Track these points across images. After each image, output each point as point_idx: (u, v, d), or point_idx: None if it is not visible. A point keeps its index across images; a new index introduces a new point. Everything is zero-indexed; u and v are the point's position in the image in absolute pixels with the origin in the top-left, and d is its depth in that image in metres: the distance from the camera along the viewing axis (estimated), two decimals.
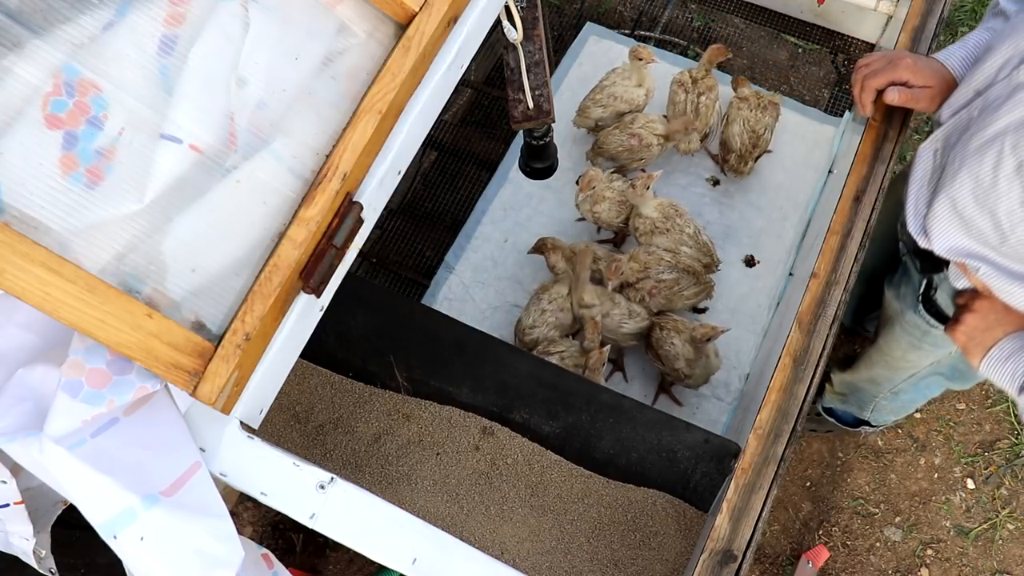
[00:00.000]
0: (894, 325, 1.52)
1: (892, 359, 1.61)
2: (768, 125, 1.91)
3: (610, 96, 1.92)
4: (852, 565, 2.15)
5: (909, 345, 1.52)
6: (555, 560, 1.25)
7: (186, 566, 0.87)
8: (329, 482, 0.97)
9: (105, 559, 0.94)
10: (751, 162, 1.94)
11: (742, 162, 1.93)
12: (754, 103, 1.91)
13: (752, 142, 1.91)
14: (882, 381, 1.74)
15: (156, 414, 0.93)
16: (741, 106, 1.91)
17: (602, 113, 1.94)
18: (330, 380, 1.39)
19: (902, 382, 1.70)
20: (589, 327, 1.66)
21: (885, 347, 1.61)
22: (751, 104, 1.91)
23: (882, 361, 1.65)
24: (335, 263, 0.94)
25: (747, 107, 1.91)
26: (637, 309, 1.74)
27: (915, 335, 1.48)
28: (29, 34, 0.79)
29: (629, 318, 1.72)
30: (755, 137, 1.90)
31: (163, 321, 0.84)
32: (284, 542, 1.97)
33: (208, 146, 0.87)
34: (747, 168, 1.94)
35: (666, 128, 1.89)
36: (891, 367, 1.65)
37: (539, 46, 1.23)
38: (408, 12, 0.95)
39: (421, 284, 2.00)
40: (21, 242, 0.78)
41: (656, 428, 1.34)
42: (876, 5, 1.90)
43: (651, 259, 1.73)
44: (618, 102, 1.92)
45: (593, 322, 1.67)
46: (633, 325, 1.73)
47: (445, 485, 1.30)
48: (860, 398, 1.90)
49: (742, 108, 1.91)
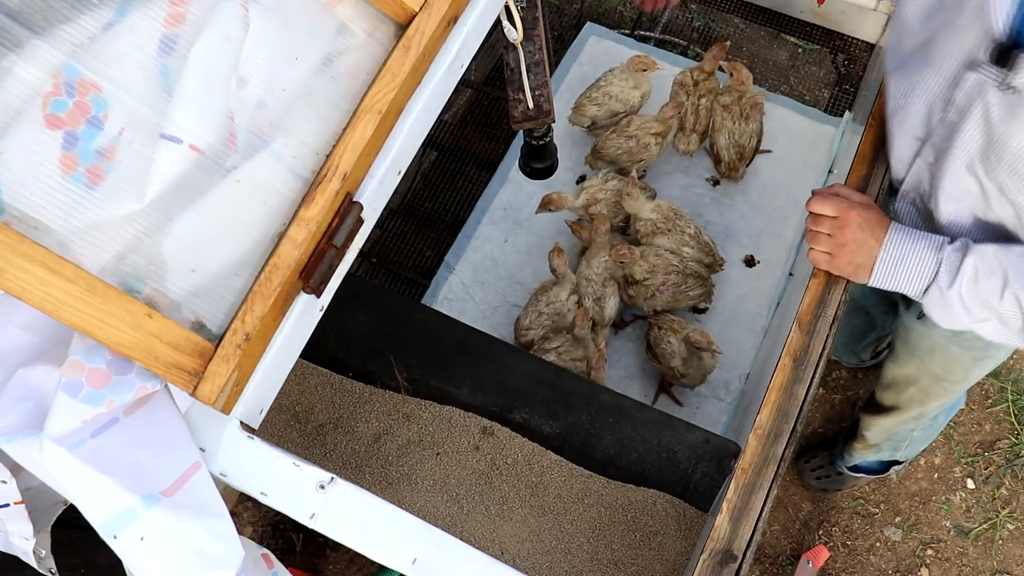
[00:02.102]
0: (949, 348, 1.44)
1: (953, 382, 1.54)
2: (753, 132, 1.91)
3: (606, 95, 1.92)
4: (852, 565, 2.15)
5: (973, 360, 1.46)
6: (555, 560, 1.25)
7: (186, 566, 0.87)
8: (329, 482, 0.97)
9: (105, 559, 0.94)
10: (742, 167, 1.94)
11: (732, 169, 1.94)
12: (736, 113, 1.90)
13: (738, 154, 1.91)
14: (930, 411, 1.67)
15: (156, 414, 0.93)
16: (725, 116, 1.91)
17: (597, 112, 1.94)
18: (330, 380, 1.39)
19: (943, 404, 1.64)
20: (579, 315, 1.67)
21: (944, 374, 1.52)
22: (734, 115, 1.90)
23: (939, 390, 1.58)
24: (335, 263, 0.94)
25: (730, 117, 1.90)
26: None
27: (980, 347, 1.42)
28: (29, 34, 0.79)
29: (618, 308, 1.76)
30: (741, 148, 1.91)
31: (163, 321, 0.84)
32: (284, 542, 1.97)
33: (208, 146, 0.87)
34: (739, 173, 1.95)
35: (660, 122, 1.89)
36: (950, 392, 1.58)
37: (539, 46, 1.23)
38: (408, 12, 0.95)
39: (421, 284, 2.00)
40: (21, 242, 0.78)
41: (656, 428, 1.34)
42: (876, 5, 1.90)
43: (659, 261, 1.74)
44: (613, 101, 1.92)
45: (583, 310, 1.68)
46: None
47: (445, 485, 1.30)
48: (896, 439, 1.84)
49: (726, 119, 1.91)
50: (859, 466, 2.07)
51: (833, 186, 1.27)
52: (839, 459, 2.09)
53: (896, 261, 1.18)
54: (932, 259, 1.15)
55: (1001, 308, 1.11)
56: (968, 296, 1.12)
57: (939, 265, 1.14)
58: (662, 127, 1.89)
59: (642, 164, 1.93)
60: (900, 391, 1.65)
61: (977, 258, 1.12)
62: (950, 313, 1.16)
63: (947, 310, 1.16)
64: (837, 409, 2.32)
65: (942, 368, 1.50)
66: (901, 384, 1.62)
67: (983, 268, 1.11)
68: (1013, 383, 2.31)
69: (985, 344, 1.38)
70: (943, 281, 1.14)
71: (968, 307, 1.13)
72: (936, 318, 1.19)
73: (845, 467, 2.08)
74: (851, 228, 1.20)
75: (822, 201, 1.23)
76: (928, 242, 1.17)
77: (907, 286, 1.18)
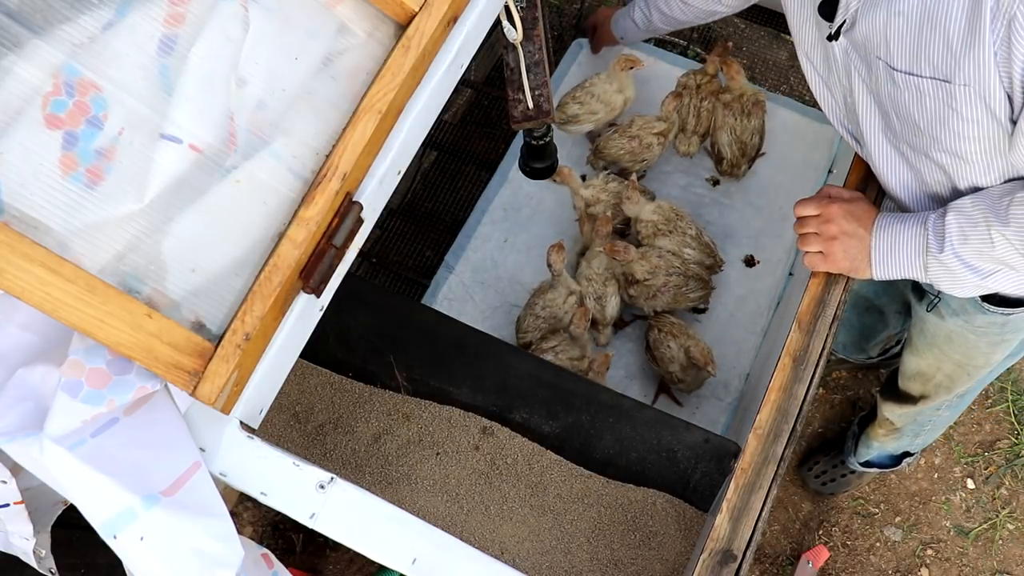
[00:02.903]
0: (966, 336, 1.42)
1: (976, 367, 1.53)
2: (755, 129, 1.91)
3: (588, 94, 1.92)
4: (852, 565, 2.15)
5: (991, 345, 1.44)
6: (555, 560, 1.25)
7: (186, 566, 0.87)
8: (329, 482, 0.97)
9: (105, 559, 0.94)
10: (744, 165, 1.94)
11: (734, 166, 1.93)
12: (737, 109, 1.90)
13: (740, 150, 1.91)
14: (958, 393, 1.66)
15: (156, 414, 0.93)
16: (726, 114, 1.91)
17: (578, 110, 1.93)
18: (330, 380, 1.39)
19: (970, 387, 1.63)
20: (579, 314, 1.67)
21: (965, 360, 1.50)
22: (735, 111, 1.90)
23: (963, 375, 1.56)
24: (335, 263, 0.94)
25: (731, 115, 1.90)
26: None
27: (994, 331, 1.39)
28: (29, 34, 0.79)
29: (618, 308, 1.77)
30: (743, 145, 1.91)
31: (163, 321, 0.84)
32: (284, 542, 1.97)
33: (208, 146, 0.87)
34: (741, 172, 1.95)
35: (662, 120, 1.88)
36: (975, 376, 1.56)
37: (539, 46, 1.23)
38: (408, 12, 0.95)
39: (421, 284, 2.00)
40: (21, 242, 0.78)
41: (656, 428, 1.34)
42: None
43: (661, 262, 1.74)
44: (594, 101, 1.92)
45: (584, 309, 1.68)
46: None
47: (445, 485, 1.30)
48: (920, 422, 1.82)
49: (727, 116, 1.91)
50: (871, 461, 2.05)
51: (823, 188, 1.28)
52: (850, 456, 2.07)
53: (890, 246, 1.18)
54: (921, 233, 1.16)
55: (996, 254, 1.10)
56: (964, 253, 1.12)
57: (928, 236, 1.15)
58: (664, 126, 1.89)
59: (644, 164, 1.93)
60: (927, 380, 1.63)
61: (956, 213, 1.12)
62: (958, 279, 1.15)
63: (953, 277, 1.16)
64: (837, 409, 2.32)
65: (962, 355, 1.50)
66: (927, 373, 1.62)
67: (965, 220, 1.11)
68: (1013, 383, 2.31)
69: (1000, 329, 1.37)
70: (934, 247, 1.14)
71: (970, 264, 1.13)
72: (948, 289, 1.18)
73: (858, 463, 2.06)
74: (836, 221, 1.20)
75: (804, 203, 1.25)
76: (916, 219, 1.17)
77: (909, 269, 1.18)
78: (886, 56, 1.06)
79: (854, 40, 1.10)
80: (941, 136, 1.08)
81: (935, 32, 0.99)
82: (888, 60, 1.06)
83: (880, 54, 1.07)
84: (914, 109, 1.08)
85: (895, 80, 1.07)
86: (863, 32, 1.07)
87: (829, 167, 1.98)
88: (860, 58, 1.12)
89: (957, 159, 1.11)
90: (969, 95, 1.01)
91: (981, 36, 0.95)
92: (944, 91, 1.02)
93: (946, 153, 1.11)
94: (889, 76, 1.08)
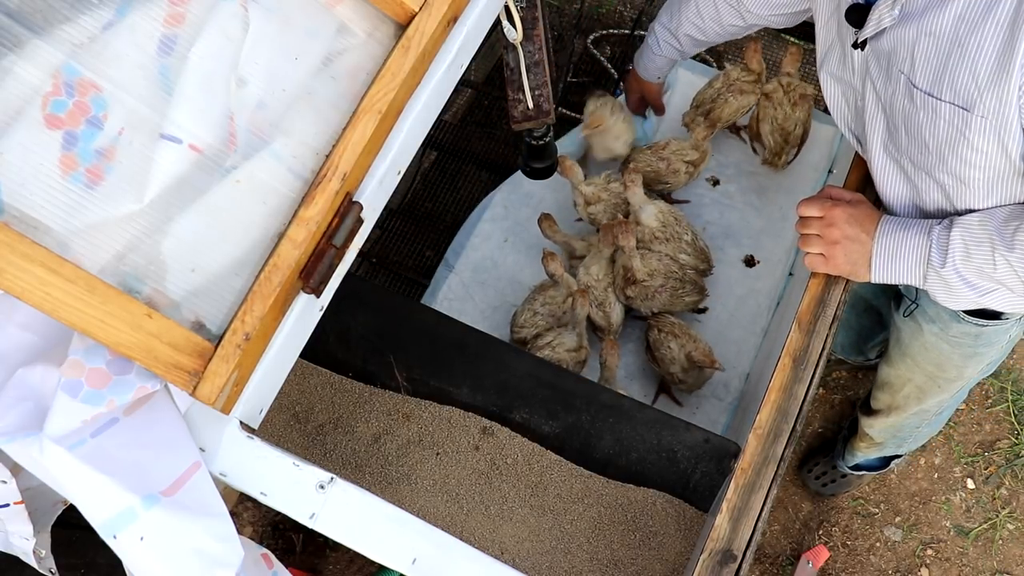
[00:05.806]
0: (939, 345, 1.43)
1: (947, 380, 1.52)
2: (799, 120, 1.87)
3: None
4: (852, 565, 2.15)
5: (964, 357, 1.44)
6: (555, 560, 1.25)
7: (186, 566, 0.87)
8: (329, 482, 0.97)
9: (105, 559, 0.94)
10: (786, 154, 1.91)
11: (776, 155, 1.90)
12: (782, 99, 1.86)
13: (783, 138, 1.88)
14: (931, 407, 1.66)
15: (156, 414, 0.93)
16: (766, 104, 1.88)
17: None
18: (330, 380, 1.39)
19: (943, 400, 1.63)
20: (579, 298, 1.66)
21: (937, 371, 1.50)
22: (775, 102, 1.86)
23: (934, 387, 1.56)
24: (335, 263, 0.94)
25: (771, 105, 1.87)
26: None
27: (967, 343, 1.39)
28: (29, 34, 0.80)
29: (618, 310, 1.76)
30: (785, 134, 1.88)
31: (163, 321, 0.84)
32: (284, 542, 1.97)
33: (208, 146, 0.87)
34: (782, 162, 1.92)
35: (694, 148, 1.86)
36: (946, 389, 1.56)
37: (539, 46, 1.23)
38: (408, 12, 0.95)
39: (421, 284, 2.00)
40: (21, 242, 0.78)
41: (656, 428, 1.34)
42: None
43: (660, 266, 1.73)
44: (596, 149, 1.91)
45: (582, 292, 1.66)
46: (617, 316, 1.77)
47: (445, 485, 1.30)
48: (902, 435, 1.83)
49: (767, 107, 1.88)
50: (860, 464, 2.07)
51: (824, 188, 1.28)
52: (840, 460, 2.08)
53: (891, 252, 1.18)
54: (924, 243, 1.15)
55: (997, 275, 1.11)
56: (965, 271, 1.12)
57: (930, 247, 1.14)
58: (696, 155, 1.86)
59: (667, 187, 1.90)
60: (895, 391, 1.64)
61: (962, 230, 1.12)
62: (955, 293, 1.16)
63: (950, 291, 1.16)
64: (837, 409, 2.32)
65: (935, 366, 1.50)
66: (895, 384, 1.62)
67: (970, 239, 1.11)
68: (1013, 383, 2.31)
69: (973, 340, 1.38)
70: (936, 261, 1.14)
71: (969, 282, 1.13)
72: (943, 301, 1.19)
73: (846, 467, 2.08)
74: (839, 225, 1.20)
75: (808, 203, 1.25)
76: (919, 228, 1.17)
77: (908, 276, 1.18)
78: (909, 72, 1.06)
79: (878, 50, 1.10)
80: (948, 159, 1.09)
81: (963, 60, 0.99)
82: (911, 77, 1.06)
83: (904, 69, 1.07)
84: (926, 129, 1.08)
85: (913, 98, 1.07)
86: (890, 44, 1.07)
87: (829, 167, 1.98)
88: (880, 68, 1.11)
89: (959, 182, 1.11)
90: (985, 127, 1.01)
91: (1009, 74, 0.95)
92: (961, 118, 1.03)
93: (949, 175, 1.11)
94: (908, 93, 1.07)
